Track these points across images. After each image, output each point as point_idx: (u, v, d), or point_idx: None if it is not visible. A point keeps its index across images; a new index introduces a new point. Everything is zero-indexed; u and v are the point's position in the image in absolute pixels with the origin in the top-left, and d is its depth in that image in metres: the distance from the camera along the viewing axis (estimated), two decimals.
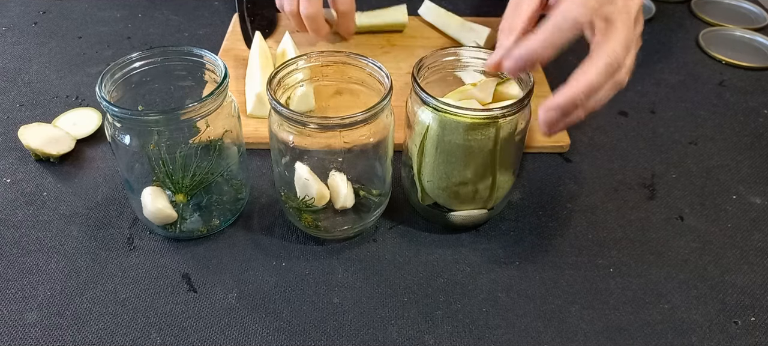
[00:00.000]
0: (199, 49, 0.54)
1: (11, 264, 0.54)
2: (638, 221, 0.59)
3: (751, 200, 0.62)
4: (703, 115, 0.74)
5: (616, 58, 0.49)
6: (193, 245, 0.56)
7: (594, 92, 0.49)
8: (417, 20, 0.87)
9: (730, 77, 0.81)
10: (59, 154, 0.63)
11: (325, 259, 0.55)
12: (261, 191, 0.61)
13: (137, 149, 0.51)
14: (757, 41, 0.88)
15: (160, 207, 0.53)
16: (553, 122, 0.49)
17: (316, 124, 0.48)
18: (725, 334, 0.50)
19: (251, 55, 0.75)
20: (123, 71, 0.53)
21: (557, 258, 0.55)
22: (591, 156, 0.67)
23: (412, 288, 0.53)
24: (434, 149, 0.51)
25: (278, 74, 0.52)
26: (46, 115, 0.70)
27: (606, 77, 0.49)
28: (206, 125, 0.51)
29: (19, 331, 0.48)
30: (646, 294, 0.53)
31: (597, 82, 0.49)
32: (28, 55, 0.81)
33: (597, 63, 0.49)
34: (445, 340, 0.49)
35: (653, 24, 0.92)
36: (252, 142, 0.65)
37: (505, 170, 0.53)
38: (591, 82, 0.48)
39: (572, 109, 0.49)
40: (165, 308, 0.50)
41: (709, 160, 0.67)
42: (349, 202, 0.55)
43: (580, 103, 0.49)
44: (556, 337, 0.49)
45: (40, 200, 0.60)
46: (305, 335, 0.49)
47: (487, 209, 0.56)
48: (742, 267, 0.55)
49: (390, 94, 0.50)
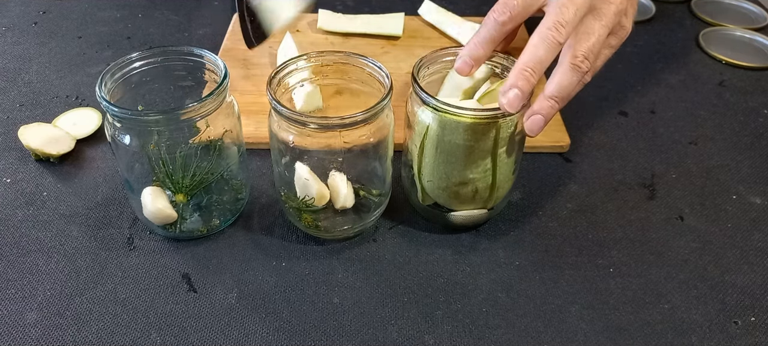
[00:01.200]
0: (199, 49, 0.54)
1: (11, 264, 0.54)
2: (638, 221, 0.59)
3: (751, 200, 0.62)
4: (703, 115, 0.74)
5: (558, 18, 0.47)
6: (193, 245, 0.56)
7: (538, 61, 0.47)
8: (417, 20, 0.87)
9: (730, 77, 0.81)
10: (59, 154, 0.63)
11: (325, 259, 0.55)
12: (261, 191, 0.61)
13: (137, 149, 0.51)
14: (757, 41, 0.88)
15: (160, 207, 0.53)
16: (513, 101, 0.46)
17: (316, 124, 0.48)
18: (725, 334, 0.50)
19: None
20: (123, 71, 0.53)
21: (557, 258, 0.55)
22: (591, 156, 0.67)
23: (412, 288, 0.52)
24: (434, 149, 0.51)
25: (278, 74, 0.52)
26: (46, 115, 0.70)
27: (546, 41, 0.47)
28: (206, 125, 0.51)
29: (19, 331, 0.48)
30: (646, 294, 0.53)
31: (538, 50, 0.46)
32: (28, 55, 0.81)
33: (539, 28, 0.47)
34: (445, 340, 0.49)
35: (653, 24, 0.92)
36: (252, 142, 0.65)
37: (505, 170, 0.53)
38: (531, 50, 0.47)
39: (525, 84, 0.46)
40: (165, 308, 0.50)
41: (709, 160, 0.67)
42: (349, 202, 0.55)
43: (529, 74, 0.46)
44: (556, 337, 0.49)
45: (40, 200, 0.60)
46: (305, 335, 0.49)
47: (487, 208, 0.56)
48: (742, 267, 0.55)
49: (390, 94, 0.50)
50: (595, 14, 0.48)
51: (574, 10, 0.46)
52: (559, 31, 0.46)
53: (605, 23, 0.48)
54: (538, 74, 0.47)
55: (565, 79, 0.48)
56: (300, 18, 0.88)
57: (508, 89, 0.46)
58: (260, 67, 0.77)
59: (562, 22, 0.46)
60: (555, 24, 0.46)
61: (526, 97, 0.47)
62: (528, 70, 0.46)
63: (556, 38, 0.46)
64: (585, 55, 0.47)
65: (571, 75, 0.48)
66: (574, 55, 0.47)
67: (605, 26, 0.48)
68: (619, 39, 0.51)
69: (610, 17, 0.48)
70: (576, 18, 0.47)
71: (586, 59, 0.47)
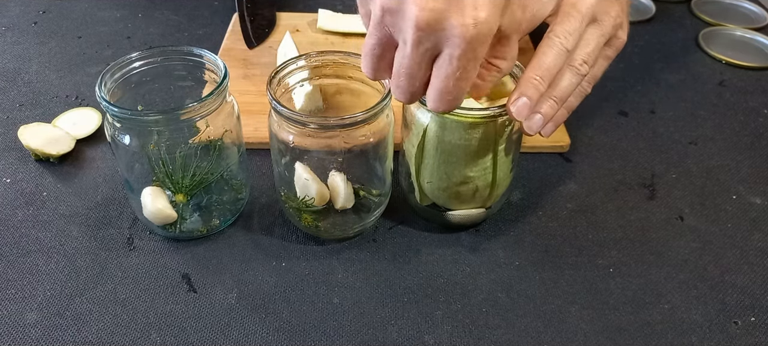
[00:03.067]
0: (199, 49, 0.54)
1: (11, 264, 0.54)
2: (638, 221, 0.59)
3: (751, 200, 0.62)
4: (703, 115, 0.74)
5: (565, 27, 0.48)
6: (193, 245, 0.56)
7: (546, 69, 0.47)
8: None
9: (730, 77, 0.81)
10: (59, 154, 0.63)
11: (325, 259, 0.55)
12: (261, 191, 0.61)
13: (137, 149, 0.51)
14: (757, 41, 0.88)
15: (160, 207, 0.53)
16: (521, 110, 0.47)
17: (316, 124, 0.48)
18: (725, 334, 0.50)
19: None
20: (123, 71, 0.53)
21: (557, 258, 0.55)
22: (591, 156, 0.67)
23: (412, 288, 0.53)
24: (434, 150, 0.51)
25: (278, 74, 0.52)
26: (46, 115, 0.70)
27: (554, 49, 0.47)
28: (206, 125, 0.51)
29: (19, 331, 0.48)
30: (646, 294, 0.53)
31: (546, 57, 0.47)
32: (28, 55, 0.81)
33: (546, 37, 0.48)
34: (445, 340, 0.49)
35: (653, 24, 0.92)
36: (252, 142, 0.65)
37: (504, 168, 0.53)
38: (539, 58, 0.48)
39: (534, 92, 0.47)
40: (165, 308, 0.50)
41: (709, 160, 0.67)
42: (349, 202, 0.55)
43: (538, 83, 0.47)
44: (556, 337, 0.49)
45: (40, 200, 0.60)
46: (305, 335, 0.49)
47: (486, 207, 0.56)
48: (742, 267, 0.55)
49: (390, 95, 0.50)
50: (596, 25, 0.50)
51: (580, 19, 0.48)
52: (567, 39, 0.48)
53: (603, 33, 0.50)
54: (547, 82, 0.48)
55: (564, 81, 0.49)
56: (300, 18, 0.88)
57: (516, 98, 0.47)
58: (260, 67, 0.77)
59: (569, 30, 0.48)
60: (563, 32, 0.48)
61: (534, 105, 0.48)
62: (536, 79, 0.47)
63: (564, 45, 0.48)
64: (584, 60, 0.49)
65: (570, 76, 0.49)
66: (573, 58, 0.49)
67: (603, 36, 0.50)
68: (615, 49, 0.53)
69: (608, 28, 0.50)
70: (582, 26, 0.49)
71: (585, 63, 0.49)
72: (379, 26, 0.43)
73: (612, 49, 0.53)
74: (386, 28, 0.43)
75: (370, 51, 0.45)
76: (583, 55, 0.49)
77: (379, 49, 0.45)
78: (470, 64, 0.42)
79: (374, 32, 0.44)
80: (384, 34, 0.44)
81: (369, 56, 0.46)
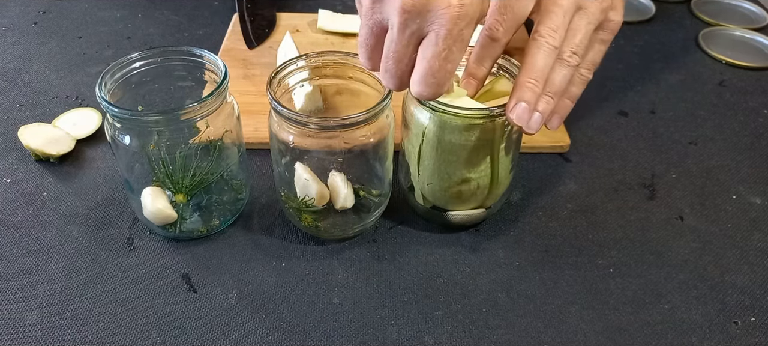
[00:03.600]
0: (199, 49, 0.54)
1: (11, 264, 0.54)
2: (638, 221, 0.59)
3: (751, 200, 0.62)
4: (703, 115, 0.74)
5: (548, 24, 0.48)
6: (193, 245, 0.56)
7: (539, 70, 0.48)
8: None
9: (730, 77, 0.81)
10: (59, 155, 0.63)
11: (325, 259, 0.55)
12: (261, 191, 0.61)
13: (137, 149, 0.51)
14: (757, 41, 0.88)
15: (160, 207, 0.53)
16: (522, 115, 0.47)
17: (316, 124, 0.48)
18: (725, 334, 0.50)
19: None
20: (123, 71, 0.53)
21: (557, 258, 0.55)
22: (591, 156, 0.67)
23: (412, 288, 0.53)
24: (434, 150, 0.51)
25: (278, 74, 0.52)
26: (46, 115, 0.70)
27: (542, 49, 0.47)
28: (206, 125, 0.51)
29: (19, 331, 0.48)
30: (646, 294, 0.53)
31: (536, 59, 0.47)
32: (28, 55, 0.81)
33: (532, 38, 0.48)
34: (445, 340, 0.49)
35: (653, 24, 0.92)
36: (252, 143, 0.65)
37: (504, 168, 0.53)
38: (529, 61, 0.48)
39: (531, 96, 0.47)
40: (165, 308, 0.50)
41: (709, 160, 0.67)
42: (349, 202, 0.55)
43: (533, 85, 0.47)
44: (556, 337, 0.49)
45: (40, 200, 0.60)
46: (305, 335, 0.49)
47: (486, 207, 0.56)
48: (742, 267, 0.55)
49: (390, 94, 0.50)
50: (581, 13, 0.49)
51: (562, 13, 0.48)
52: (553, 36, 0.48)
53: (590, 20, 0.49)
54: (541, 83, 0.48)
55: (557, 76, 0.49)
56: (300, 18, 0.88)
57: (515, 104, 0.47)
58: (260, 67, 0.77)
59: (553, 27, 0.48)
60: (547, 30, 0.48)
61: (533, 107, 0.48)
62: (531, 83, 0.47)
63: (551, 43, 0.48)
64: (573, 51, 0.49)
65: (560, 69, 0.49)
66: (561, 51, 0.49)
67: (591, 23, 0.49)
68: (611, 32, 0.52)
69: (595, 14, 0.50)
70: (566, 20, 0.48)
71: (574, 54, 0.49)
72: (370, 15, 0.45)
73: (606, 32, 0.52)
74: (376, 15, 0.44)
75: (364, 41, 0.46)
76: (571, 46, 0.49)
77: (372, 38, 0.46)
78: (455, 46, 0.42)
79: (366, 22, 0.45)
80: (375, 23, 0.45)
81: (363, 46, 0.47)
